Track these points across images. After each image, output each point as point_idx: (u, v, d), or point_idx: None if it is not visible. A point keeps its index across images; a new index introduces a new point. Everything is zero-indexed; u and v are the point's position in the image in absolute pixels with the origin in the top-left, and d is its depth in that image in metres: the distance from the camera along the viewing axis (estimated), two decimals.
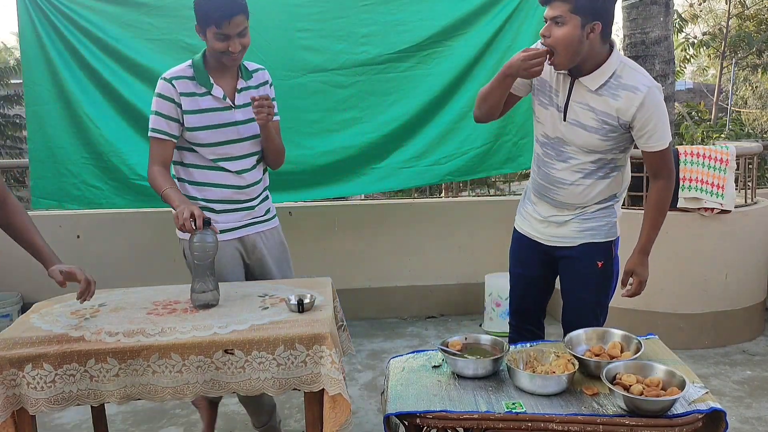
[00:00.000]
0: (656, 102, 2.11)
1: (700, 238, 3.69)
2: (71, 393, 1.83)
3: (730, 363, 3.57)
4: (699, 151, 3.67)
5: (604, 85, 2.12)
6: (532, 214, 2.42)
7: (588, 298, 2.37)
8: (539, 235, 2.40)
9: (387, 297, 4.41)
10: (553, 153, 2.27)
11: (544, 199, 2.36)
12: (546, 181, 2.32)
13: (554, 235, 2.36)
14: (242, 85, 2.44)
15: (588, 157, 2.22)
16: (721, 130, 7.94)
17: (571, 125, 2.19)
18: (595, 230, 2.32)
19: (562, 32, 2.03)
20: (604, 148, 2.20)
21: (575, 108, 2.17)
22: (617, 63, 2.13)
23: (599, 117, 2.14)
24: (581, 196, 2.28)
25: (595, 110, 2.15)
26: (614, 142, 2.19)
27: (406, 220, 4.38)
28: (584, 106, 2.16)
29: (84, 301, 2.04)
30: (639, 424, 1.76)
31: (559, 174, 2.27)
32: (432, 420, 1.85)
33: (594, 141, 2.18)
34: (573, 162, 2.24)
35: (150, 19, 3.50)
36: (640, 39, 4.14)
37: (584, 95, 2.15)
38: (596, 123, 2.15)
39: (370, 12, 3.64)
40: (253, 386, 1.86)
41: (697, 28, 13.52)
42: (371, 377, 3.46)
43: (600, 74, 2.12)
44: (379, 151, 3.76)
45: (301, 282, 2.38)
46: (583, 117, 2.17)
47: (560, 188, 2.29)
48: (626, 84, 2.11)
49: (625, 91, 2.10)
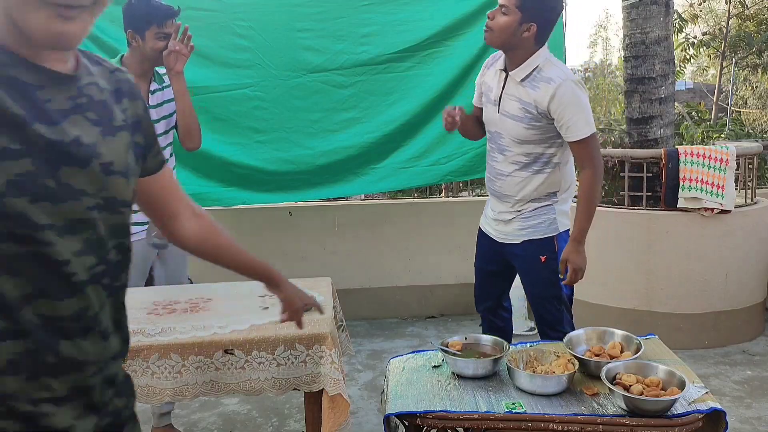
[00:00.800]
0: (570, 94, 2.29)
1: (700, 238, 3.69)
2: None
3: (730, 363, 3.57)
4: (699, 151, 3.67)
5: (527, 77, 2.34)
6: (487, 212, 2.63)
7: (541, 292, 2.53)
8: (493, 232, 2.58)
9: (387, 297, 4.41)
10: (495, 146, 2.49)
11: (492, 194, 2.56)
12: (491, 173, 2.53)
13: (502, 233, 2.54)
14: (155, 87, 2.59)
15: (520, 149, 2.40)
16: (721, 130, 7.93)
17: (503, 116, 2.41)
18: (534, 228, 2.47)
19: (503, 21, 2.28)
20: (531, 139, 2.38)
21: (506, 100, 2.40)
22: (543, 59, 2.35)
23: (522, 106, 2.35)
24: (518, 188, 2.44)
25: (520, 100, 2.36)
26: (539, 132, 2.36)
27: (406, 220, 4.38)
28: (512, 97, 2.38)
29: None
30: (639, 424, 1.76)
31: (499, 166, 2.48)
32: (432, 420, 1.85)
33: (520, 130, 2.37)
34: (508, 153, 2.43)
35: None
36: (640, 39, 4.14)
37: (513, 87, 2.38)
38: (520, 112, 2.36)
39: (370, 12, 3.64)
40: (253, 386, 1.86)
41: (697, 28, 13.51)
42: (371, 377, 3.46)
43: (526, 67, 2.34)
44: (379, 151, 3.76)
45: (301, 282, 2.37)
46: (510, 107, 2.38)
47: (500, 179, 2.48)
48: (545, 76, 2.32)
49: (542, 83, 2.31)
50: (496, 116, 2.44)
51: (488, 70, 2.51)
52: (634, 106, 4.25)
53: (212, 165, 3.63)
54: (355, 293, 4.25)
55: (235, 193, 3.71)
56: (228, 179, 3.48)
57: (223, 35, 3.54)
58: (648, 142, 4.23)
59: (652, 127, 4.22)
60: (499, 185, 2.49)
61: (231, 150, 3.48)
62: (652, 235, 3.70)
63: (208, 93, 3.59)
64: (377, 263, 4.37)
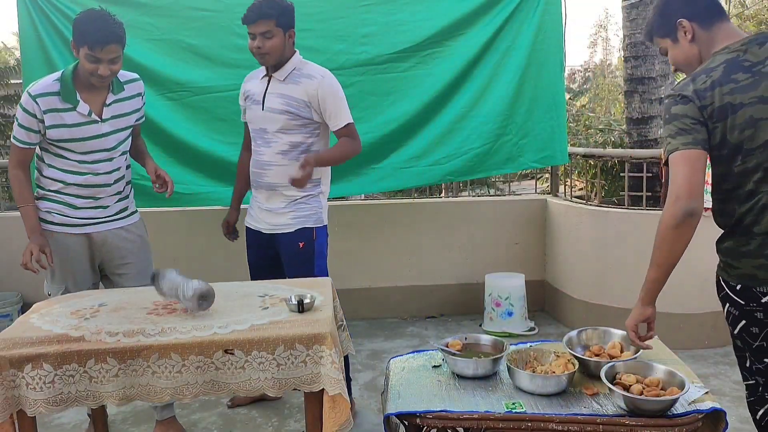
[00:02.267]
0: (332, 85, 2.71)
1: (700, 238, 3.68)
2: (70, 394, 1.83)
3: (730, 363, 3.56)
4: None
5: (289, 75, 2.70)
6: (254, 209, 2.87)
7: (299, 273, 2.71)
8: (264, 226, 2.81)
9: (387, 297, 4.40)
10: (260, 141, 2.76)
11: (262, 187, 2.79)
12: (258, 167, 2.78)
13: (274, 224, 2.78)
14: (111, 99, 2.57)
15: (284, 138, 2.70)
16: None
17: (267, 112, 2.71)
18: (306, 217, 2.76)
19: (273, 42, 2.61)
20: (294, 128, 2.70)
21: (270, 98, 2.71)
22: (298, 61, 2.73)
23: (286, 101, 2.68)
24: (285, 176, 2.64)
25: (284, 96, 2.68)
26: (301, 122, 2.70)
27: (406, 220, 4.38)
28: (276, 94, 2.70)
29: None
30: (639, 424, 1.77)
31: (265, 158, 2.75)
32: (432, 420, 1.85)
33: (284, 121, 2.68)
34: (273, 145, 2.72)
35: (150, 19, 3.50)
36: (640, 39, 4.14)
37: (276, 86, 2.71)
38: (284, 106, 2.68)
39: (370, 12, 3.64)
40: (253, 386, 1.86)
41: None
42: (371, 377, 3.46)
43: (288, 67, 2.70)
44: (379, 151, 3.76)
45: (301, 282, 2.38)
46: (274, 103, 2.69)
47: (268, 170, 2.74)
48: (305, 73, 2.70)
49: (305, 78, 2.69)
50: (260, 113, 2.73)
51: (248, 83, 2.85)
52: (634, 106, 4.26)
53: (212, 165, 3.63)
54: (355, 293, 4.25)
55: None
56: (228, 179, 3.47)
57: (223, 35, 3.54)
58: (648, 142, 4.23)
59: (652, 127, 4.22)
60: (269, 177, 2.74)
61: (231, 150, 3.47)
62: (652, 235, 3.67)
63: (209, 93, 3.59)
64: (377, 263, 4.37)
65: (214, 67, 3.56)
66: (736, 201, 1.87)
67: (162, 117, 3.56)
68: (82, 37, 2.37)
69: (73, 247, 2.60)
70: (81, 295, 2.30)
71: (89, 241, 2.63)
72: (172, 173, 3.63)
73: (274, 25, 2.59)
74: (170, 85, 3.55)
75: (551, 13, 3.71)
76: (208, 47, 3.55)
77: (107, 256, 2.69)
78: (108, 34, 2.37)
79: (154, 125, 3.53)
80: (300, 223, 2.77)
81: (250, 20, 2.60)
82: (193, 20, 3.54)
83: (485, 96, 3.76)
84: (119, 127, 2.61)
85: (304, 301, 2.00)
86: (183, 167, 3.65)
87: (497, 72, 3.75)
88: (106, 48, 2.37)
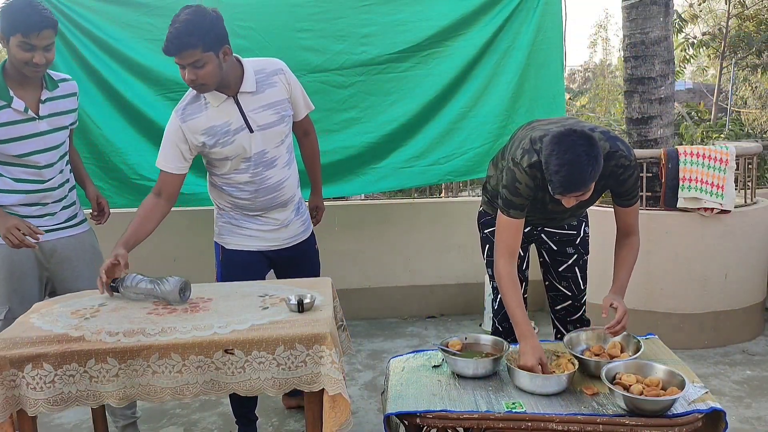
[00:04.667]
0: (292, 74, 2.54)
1: (700, 238, 3.69)
2: (70, 394, 1.83)
3: (730, 363, 3.57)
4: (699, 151, 3.67)
5: (258, 83, 2.41)
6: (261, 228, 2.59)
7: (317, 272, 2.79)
8: (272, 244, 2.62)
9: (387, 297, 4.41)
10: (262, 167, 2.48)
11: (272, 208, 2.57)
12: (267, 194, 2.52)
13: (285, 238, 2.64)
14: (47, 95, 2.44)
15: (282, 147, 2.52)
16: (721, 130, 7.93)
17: (261, 131, 2.43)
18: (309, 220, 2.78)
19: (206, 70, 2.25)
20: (287, 131, 2.54)
21: (255, 116, 2.41)
22: (250, 65, 2.43)
23: (275, 109, 2.45)
24: (295, 183, 2.62)
25: (270, 105, 2.44)
26: (289, 123, 2.54)
27: (406, 220, 4.38)
28: (259, 108, 2.42)
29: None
30: (639, 423, 1.77)
31: (275, 179, 2.52)
32: (432, 420, 1.86)
33: (280, 129, 2.48)
34: (278, 161, 2.51)
35: (150, 19, 3.49)
36: (639, 39, 4.14)
37: (251, 100, 2.41)
38: (277, 115, 2.46)
39: (370, 12, 3.63)
40: (253, 386, 1.86)
41: (696, 29, 13.51)
42: (371, 377, 3.46)
43: (249, 79, 2.39)
44: (379, 151, 3.76)
45: (301, 282, 2.38)
46: (265, 118, 2.43)
47: (280, 189, 2.55)
48: (270, 71, 2.46)
49: (274, 76, 2.46)
50: (249, 138, 2.41)
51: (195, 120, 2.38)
52: (634, 106, 4.26)
53: None
54: (355, 293, 4.25)
55: None
56: None
57: None
58: (648, 142, 4.23)
59: (651, 127, 4.22)
60: (285, 193, 2.57)
61: None
62: (652, 235, 3.70)
63: None
64: (377, 263, 4.37)
65: None
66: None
67: (162, 117, 3.54)
68: (12, 26, 2.22)
69: (19, 260, 2.42)
70: (81, 295, 2.30)
71: (37, 252, 2.46)
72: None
73: (200, 52, 2.21)
74: (170, 85, 3.54)
75: (551, 13, 3.71)
76: None
77: (57, 268, 2.52)
78: (43, 18, 2.24)
79: (154, 125, 3.53)
80: (310, 227, 2.80)
81: (172, 52, 2.21)
82: None
83: (485, 96, 3.76)
84: (57, 126, 2.46)
85: (304, 301, 2.00)
86: None
87: (497, 72, 3.75)
88: (41, 33, 2.24)
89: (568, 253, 2.60)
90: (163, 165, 2.44)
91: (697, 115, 9.97)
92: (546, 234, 2.60)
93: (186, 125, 2.38)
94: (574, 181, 1.93)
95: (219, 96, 2.37)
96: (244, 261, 2.59)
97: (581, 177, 1.92)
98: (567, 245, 2.59)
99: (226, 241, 2.62)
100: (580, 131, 1.96)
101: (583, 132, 1.96)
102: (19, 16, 2.22)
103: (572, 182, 1.93)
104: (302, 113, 2.65)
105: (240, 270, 2.55)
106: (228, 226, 2.61)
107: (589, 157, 1.92)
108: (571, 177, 1.92)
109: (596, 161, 1.93)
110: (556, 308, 2.68)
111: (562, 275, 2.62)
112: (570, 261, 2.60)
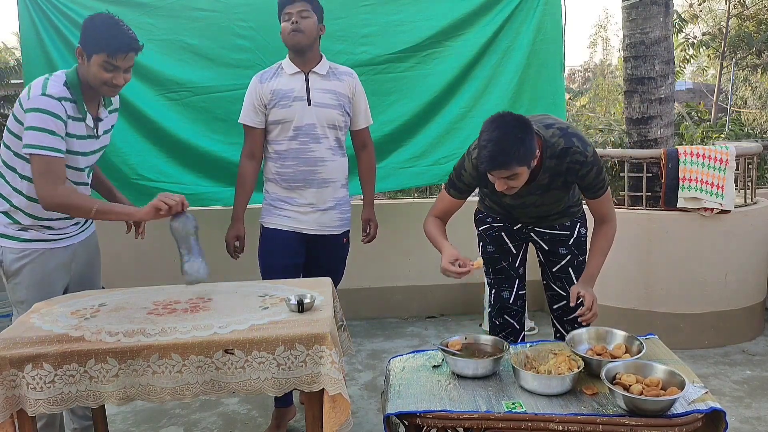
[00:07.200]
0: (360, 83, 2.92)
1: (700, 238, 3.69)
2: (70, 394, 1.83)
3: (730, 363, 3.57)
4: (699, 151, 3.67)
5: (328, 72, 2.81)
6: (290, 207, 2.82)
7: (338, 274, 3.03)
8: (304, 226, 2.82)
9: (387, 297, 4.41)
10: (308, 138, 2.76)
11: (309, 185, 2.79)
12: (306, 165, 2.77)
13: (319, 223, 2.83)
14: (104, 114, 2.44)
15: (333, 133, 2.80)
16: (721, 130, 7.93)
17: (317, 108, 2.75)
18: (348, 220, 2.96)
19: (309, 22, 2.71)
20: (341, 123, 2.82)
21: (316, 93, 2.76)
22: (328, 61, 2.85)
23: (336, 96, 2.79)
24: (338, 172, 2.84)
25: (331, 91, 2.79)
26: (345, 118, 2.84)
27: (406, 220, 4.38)
28: (322, 90, 2.78)
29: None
30: (639, 424, 1.77)
31: (317, 154, 2.77)
32: (432, 420, 1.85)
33: (334, 115, 2.78)
34: (324, 141, 2.77)
35: (151, 20, 3.49)
36: (639, 39, 4.14)
37: (319, 82, 2.78)
38: (335, 101, 2.79)
39: (370, 12, 3.63)
40: (253, 386, 1.86)
41: (696, 29, 13.52)
42: (371, 377, 3.46)
43: (324, 64, 2.82)
44: (379, 151, 3.74)
45: (301, 282, 2.38)
46: (323, 98, 2.77)
47: (321, 166, 2.78)
48: (342, 72, 2.87)
49: (345, 75, 2.86)
50: (307, 109, 2.74)
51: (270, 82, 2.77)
52: (634, 106, 4.26)
53: (212, 165, 3.63)
54: (355, 293, 4.25)
55: None
56: (228, 179, 3.47)
57: (223, 35, 3.54)
58: (648, 142, 4.23)
59: (651, 127, 4.22)
60: (323, 173, 2.78)
61: (231, 150, 3.47)
62: (652, 235, 3.70)
63: (209, 93, 3.59)
64: (377, 263, 4.37)
65: (215, 67, 3.56)
66: None
67: (162, 117, 3.56)
68: (97, 44, 2.19)
69: (53, 269, 2.37)
70: (81, 295, 2.30)
71: (67, 258, 2.43)
72: (172, 173, 3.64)
73: (310, 8, 2.71)
74: (170, 85, 3.55)
75: (551, 13, 3.71)
76: (208, 47, 3.55)
77: (76, 270, 2.48)
78: (129, 41, 2.22)
79: (154, 125, 3.53)
80: (345, 225, 2.93)
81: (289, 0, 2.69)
82: (193, 20, 3.53)
83: (485, 96, 3.76)
84: (104, 144, 2.48)
85: (304, 301, 2.00)
86: (183, 167, 3.64)
87: (497, 72, 3.75)
88: (128, 56, 2.23)
89: (560, 253, 2.60)
90: (244, 118, 2.83)
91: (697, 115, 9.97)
92: (536, 233, 2.62)
93: (261, 84, 2.80)
94: (497, 157, 2.04)
95: (294, 68, 2.78)
96: (279, 238, 2.83)
97: (504, 154, 2.03)
98: (559, 246, 2.60)
99: (265, 221, 2.87)
100: (517, 115, 2.09)
101: (519, 116, 2.09)
102: (105, 35, 2.20)
103: (495, 159, 2.04)
104: (361, 123, 2.94)
105: (275, 245, 2.83)
106: (269, 207, 2.87)
107: (517, 138, 2.04)
108: (494, 153, 2.04)
109: (523, 144, 2.04)
110: (553, 307, 2.69)
111: (556, 275, 2.63)
112: (563, 262, 2.61)
